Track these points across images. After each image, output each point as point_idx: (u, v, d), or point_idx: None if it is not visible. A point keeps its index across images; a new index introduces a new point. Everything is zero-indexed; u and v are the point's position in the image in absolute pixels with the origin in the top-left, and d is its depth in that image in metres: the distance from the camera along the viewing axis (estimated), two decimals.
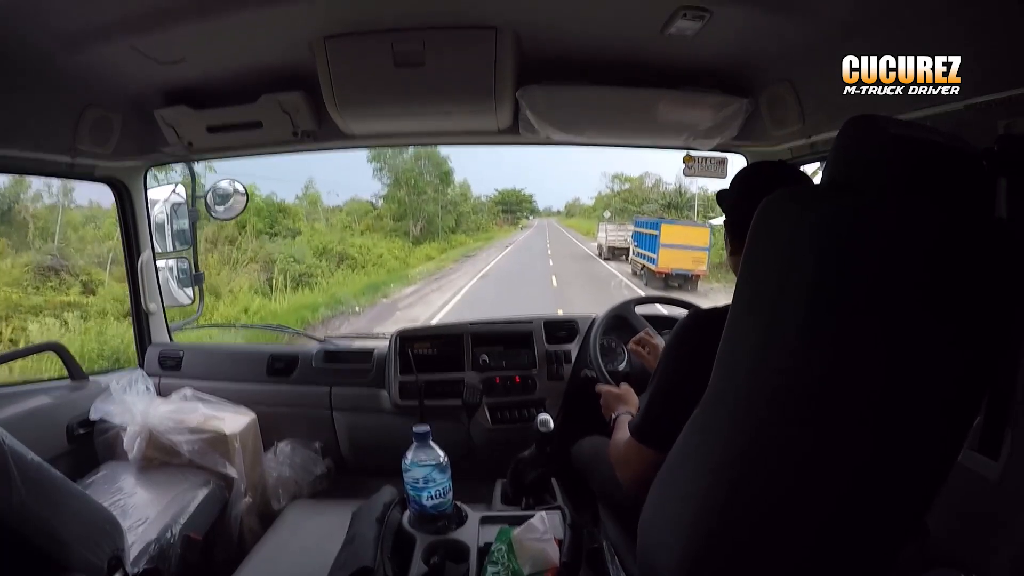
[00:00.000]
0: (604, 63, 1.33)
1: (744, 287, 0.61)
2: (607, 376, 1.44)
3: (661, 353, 0.91)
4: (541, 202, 49.65)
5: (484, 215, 33.53)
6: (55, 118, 1.32)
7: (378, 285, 13.36)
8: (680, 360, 0.85)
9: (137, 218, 1.77)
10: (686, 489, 0.71)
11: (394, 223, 20.82)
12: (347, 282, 13.32)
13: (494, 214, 37.70)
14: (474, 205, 30.20)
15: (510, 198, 41.99)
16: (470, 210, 28.21)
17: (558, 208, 51.57)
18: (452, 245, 23.20)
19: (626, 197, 31.47)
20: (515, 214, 42.18)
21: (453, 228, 24.88)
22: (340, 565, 0.85)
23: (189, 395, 1.58)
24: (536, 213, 46.72)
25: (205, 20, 1.09)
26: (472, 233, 28.01)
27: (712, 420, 0.66)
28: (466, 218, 27.23)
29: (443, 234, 23.34)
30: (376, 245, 17.30)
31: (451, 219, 24.53)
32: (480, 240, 27.89)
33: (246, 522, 1.47)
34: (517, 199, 42.73)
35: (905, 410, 0.59)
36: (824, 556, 0.66)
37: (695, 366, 0.72)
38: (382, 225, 20.58)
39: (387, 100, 1.32)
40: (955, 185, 0.57)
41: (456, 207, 25.35)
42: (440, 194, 23.44)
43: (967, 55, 0.89)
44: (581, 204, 46.61)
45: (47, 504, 0.82)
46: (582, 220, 39.83)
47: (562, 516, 0.96)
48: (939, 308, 0.56)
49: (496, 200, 40.13)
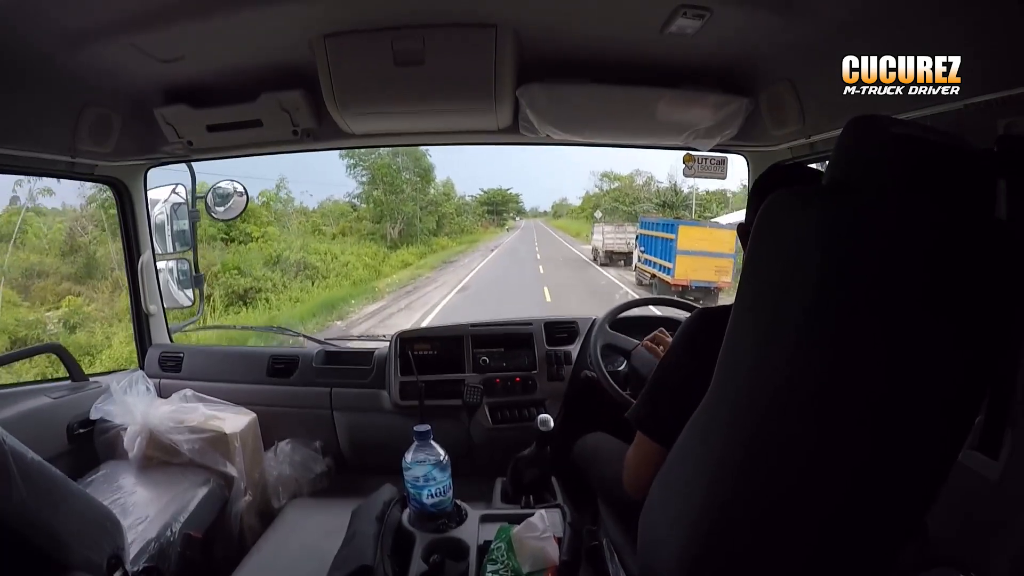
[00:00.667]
0: (604, 61, 1.33)
1: (747, 286, 0.61)
2: (608, 377, 1.44)
3: (667, 350, 0.92)
4: (527, 202, 47.33)
5: (469, 216, 31.02)
6: (54, 117, 1.32)
7: (335, 302, 11.34)
8: (685, 355, 0.85)
9: (137, 219, 1.77)
10: (687, 487, 0.71)
11: (373, 225, 19.51)
12: (304, 297, 11.56)
13: (479, 215, 35.38)
14: (458, 205, 28.01)
15: (496, 198, 39.45)
16: (453, 211, 26.13)
17: (545, 208, 49.41)
18: (432, 249, 21.63)
19: (616, 196, 30.03)
20: (501, 215, 39.95)
21: (434, 230, 23.02)
22: (340, 563, 0.85)
23: (189, 395, 1.59)
24: (523, 214, 44.94)
25: (205, 17, 1.09)
26: (456, 236, 25.99)
27: (714, 418, 0.67)
28: (449, 219, 25.22)
29: (423, 237, 21.73)
30: (345, 251, 15.80)
31: (432, 220, 22.73)
32: (464, 243, 25.84)
33: (246, 520, 1.47)
34: (503, 199, 40.25)
35: (904, 410, 0.59)
36: (824, 555, 0.66)
37: (699, 363, 0.72)
38: (360, 228, 19.20)
39: (387, 99, 1.32)
40: (957, 185, 0.57)
41: (438, 207, 23.62)
42: (420, 193, 21.93)
43: (967, 55, 0.89)
44: (569, 204, 44.82)
45: (47, 503, 0.82)
46: (570, 221, 38.41)
47: (562, 514, 0.96)
48: (940, 308, 0.56)
49: (481, 200, 37.71)
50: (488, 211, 37.82)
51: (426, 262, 18.91)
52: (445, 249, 22.66)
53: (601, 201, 30.90)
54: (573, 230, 33.02)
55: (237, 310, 10.57)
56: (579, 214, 36.92)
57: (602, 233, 17.86)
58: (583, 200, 37.00)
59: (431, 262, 19.06)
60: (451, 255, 21.67)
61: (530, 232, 35.46)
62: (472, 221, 31.47)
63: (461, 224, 27.88)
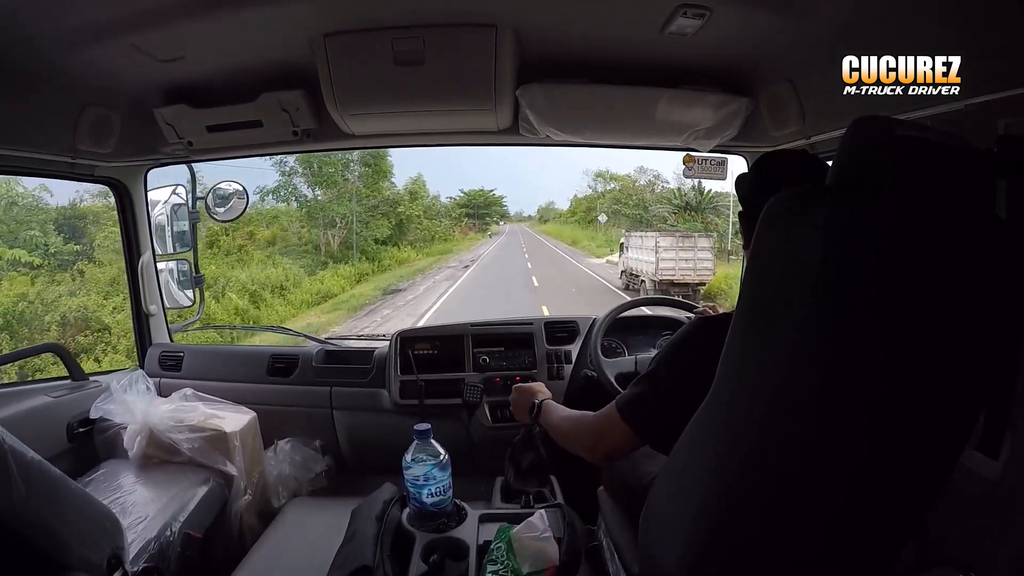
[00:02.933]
0: (604, 61, 1.33)
1: (749, 285, 0.62)
2: (608, 377, 1.44)
3: (665, 345, 0.92)
4: (511, 206, 43.32)
5: (444, 220, 26.34)
6: (55, 117, 1.31)
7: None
8: (681, 357, 0.86)
9: (137, 219, 1.77)
10: (688, 487, 0.71)
11: (311, 232, 14.92)
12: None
13: (457, 218, 31.07)
14: (429, 207, 22.81)
15: (477, 200, 34.99)
16: (421, 213, 20.61)
17: (529, 213, 46.15)
18: (382, 267, 16.00)
19: (617, 197, 26.34)
20: (483, 219, 35.67)
21: (389, 238, 17.48)
22: (340, 563, 0.85)
23: (189, 395, 1.59)
24: (507, 218, 41.21)
25: (205, 17, 1.09)
26: (423, 245, 20.35)
27: (714, 418, 0.67)
28: (415, 224, 19.86)
29: (370, 247, 16.11)
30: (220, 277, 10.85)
31: (384, 225, 17.10)
32: (432, 254, 19.85)
33: (246, 520, 1.47)
34: (485, 201, 35.72)
35: (901, 410, 0.59)
36: (824, 553, 0.66)
37: (694, 368, 0.73)
38: (286, 237, 14.46)
39: (387, 98, 1.32)
40: (960, 185, 0.57)
41: (396, 208, 18.09)
42: (368, 188, 16.59)
43: (967, 55, 0.89)
44: (556, 208, 41.66)
45: (47, 502, 0.82)
46: (559, 226, 34.82)
47: (561, 514, 0.96)
48: (938, 307, 0.56)
49: (460, 203, 33.32)
50: (468, 215, 34.02)
51: (362, 291, 13.11)
52: (403, 265, 16.90)
53: (596, 204, 28.37)
54: (567, 236, 29.00)
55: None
56: (568, 218, 34.63)
57: (652, 250, 10.93)
58: (573, 203, 34.61)
59: (369, 290, 13.17)
60: (403, 277, 15.38)
61: (516, 239, 31.20)
62: (448, 226, 27.03)
63: (432, 230, 22.29)
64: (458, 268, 16.63)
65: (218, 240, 12.86)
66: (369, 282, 14.32)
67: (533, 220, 44.82)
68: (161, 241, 1.83)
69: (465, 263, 17.95)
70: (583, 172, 31.70)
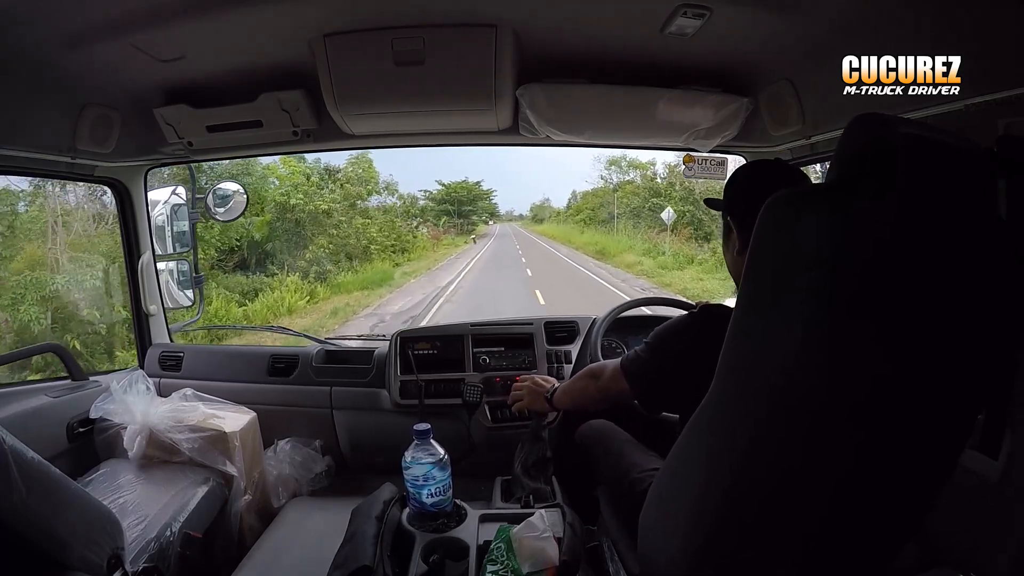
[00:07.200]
0: (604, 61, 1.33)
1: (748, 285, 0.61)
2: None
3: (667, 323, 0.97)
4: (501, 204, 38.41)
5: (409, 222, 19.68)
6: (54, 117, 1.31)
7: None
8: (679, 336, 0.93)
9: (137, 219, 1.77)
10: (687, 487, 0.71)
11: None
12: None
13: (430, 218, 23.96)
14: (389, 209, 17.15)
15: (459, 193, 27.67)
16: (367, 221, 14.90)
17: (521, 212, 41.49)
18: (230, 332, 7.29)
19: (634, 191, 19.52)
20: (468, 217, 28.39)
21: (271, 262, 11.10)
22: (339, 563, 0.85)
23: (189, 395, 1.58)
24: (496, 217, 34.99)
25: (205, 17, 1.09)
26: (367, 262, 13.90)
27: (712, 418, 0.67)
28: (343, 238, 13.39)
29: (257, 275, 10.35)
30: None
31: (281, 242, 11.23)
32: (357, 288, 11.62)
33: (246, 520, 1.47)
34: (470, 195, 28.30)
35: (893, 412, 0.59)
36: (823, 553, 0.66)
37: (690, 346, 0.77)
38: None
39: (387, 98, 1.32)
40: (961, 185, 0.57)
41: (293, 212, 12.03)
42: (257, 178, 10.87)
43: (967, 55, 0.89)
44: (552, 207, 36.76)
45: (46, 502, 0.82)
46: (557, 226, 29.44)
47: (562, 514, 0.96)
48: (933, 308, 0.56)
49: (438, 198, 25.90)
50: (446, 212, 26.51)
51: None
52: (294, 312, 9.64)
53: (611, 198, 21.38)
54: (576, 241, 21.14)
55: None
56: (569, 218, 28.91)
57: None
58: (579, 198, 27.98)
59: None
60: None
61: (509, 244, 22.79)
62: (408, 230, 18.93)
63: (382, 241, 15.39)
64: (394, 324, 8.13)
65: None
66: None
67: (526, 219, 40.47)
68: (161, 241, 1.83)
69: (425, 301, 9.74)
70: (594, 159, 22.81)
